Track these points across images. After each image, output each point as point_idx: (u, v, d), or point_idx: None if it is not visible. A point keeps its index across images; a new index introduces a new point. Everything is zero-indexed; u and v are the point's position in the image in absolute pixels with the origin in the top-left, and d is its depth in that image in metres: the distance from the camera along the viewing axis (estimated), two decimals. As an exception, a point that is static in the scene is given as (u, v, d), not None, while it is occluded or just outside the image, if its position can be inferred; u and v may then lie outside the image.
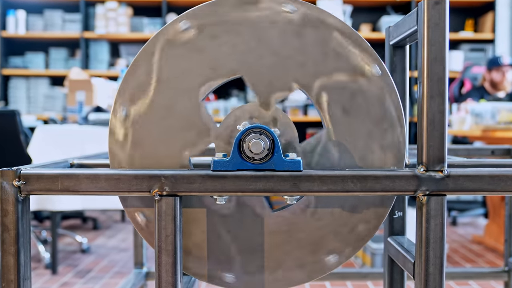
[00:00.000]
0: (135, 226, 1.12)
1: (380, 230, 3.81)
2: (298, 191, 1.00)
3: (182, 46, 1.07)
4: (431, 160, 1.00)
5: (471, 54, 5.99)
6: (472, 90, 4.91)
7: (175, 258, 0.99)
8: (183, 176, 0.99)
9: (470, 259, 3.50)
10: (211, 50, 1.07)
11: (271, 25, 1.06)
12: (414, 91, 5.83)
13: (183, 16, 1.07)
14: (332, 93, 1.06)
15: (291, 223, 1.10)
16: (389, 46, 1.35)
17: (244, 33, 1.06)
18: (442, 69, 0.99)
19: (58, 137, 3.14)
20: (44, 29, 6.08)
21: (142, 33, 6.00)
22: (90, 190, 1.00)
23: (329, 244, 1.09)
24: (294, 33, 1.06)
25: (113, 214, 5.11)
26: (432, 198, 1.00)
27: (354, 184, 0.99)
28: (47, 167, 1.09)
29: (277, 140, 1.00)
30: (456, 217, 4.71)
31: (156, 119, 1.07)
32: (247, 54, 1.07)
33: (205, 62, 1.07)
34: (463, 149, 1.86)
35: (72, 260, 3.48)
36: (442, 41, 0.99)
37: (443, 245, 1.00)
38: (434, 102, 1.00)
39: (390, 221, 1.38)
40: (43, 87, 6.06)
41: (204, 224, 1.10)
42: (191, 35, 1.07)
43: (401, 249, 1.21)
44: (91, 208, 3.12)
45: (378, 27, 6.05)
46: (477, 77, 5.09)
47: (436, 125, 1.00)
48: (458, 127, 3.96)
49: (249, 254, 1.10)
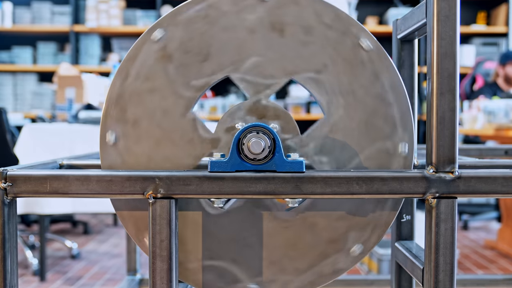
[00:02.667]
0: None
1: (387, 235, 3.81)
2: (301, 194, 1.00)
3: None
4: (441, 161, 1.00)
5: (484, 49, 5.99)
6: (484, 87, 4.91)
7: (170, 265, 0.99)
8: (178, 178, 0.99)
9: (482, 265, 3.50)
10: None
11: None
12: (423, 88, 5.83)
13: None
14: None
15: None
16: (397, 40, 1.35)
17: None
18: (453, 64, 0.99)
19: (46, 136, 3.14)
20: (32, 22, 6.08)
21: (135, 27, 6.01)
22: (80, 193, 1.00)
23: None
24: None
25: (104, 218, 5.11)
26: (442, 201, 1.00)
27: (360, 186, 0.99)
28: (35, 168, 1.09)
29: (278, 139, 1.00)
30: (467, 221, 4.71)
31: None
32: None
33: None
34: (475, 149, 1.86)
35: (61, 266, 3.48)
36: (452, 34, 0.99)
37: (453, 250, 1.00)
38: (444, 99, 1.00)
39: (397, 225, 1.38)
40: (31, 84, 6.07)
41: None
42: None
43: (409, 255, 1.21)
44: (82, 211, 3.12)
45: (385, 20, 6.06)
46: (489, 72, 5.09)
47: (446, 124, 1.00)
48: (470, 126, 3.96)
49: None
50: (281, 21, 1.07)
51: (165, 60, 1.07)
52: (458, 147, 1.06)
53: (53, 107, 5.45)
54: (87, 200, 2.96)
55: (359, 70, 1.06)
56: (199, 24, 1.07)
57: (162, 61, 1.07)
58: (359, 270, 3.32)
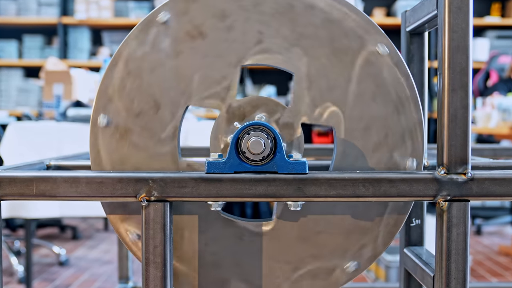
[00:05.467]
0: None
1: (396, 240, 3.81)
2: (303, 196, 1.00)
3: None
4: (453, 161, 1.00)
5: (498, 42, 5.99)
6: (499, 83, 4.91)
7: (164, 272, 0.99)
8: (173, 179, 0.99)
9: (496, 272, 3.50)
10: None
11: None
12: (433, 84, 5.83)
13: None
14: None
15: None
16: (406, 33, 1.35)
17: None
18: (465, 58, 0.99)
19: (32, 135, 3.14)
20: (17, 14, 6.08)
21: (127, 19, 6.01)
22: (69, 195, 1.00)
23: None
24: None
25: (94, 222, 5.11)
26: (454, 204, 1.00)
27: (366, 189, 0.99)
28: (20, 169, 1.09)
29: (279, 138, 1.00)
30: (481, 226, 4.71)
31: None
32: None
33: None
34: (489, 149, 1.86)
35: (48, 273, 3.48)
36: (465, 27, 0.99)
37: (466, 257, 1.00)
38: (456, 96, 1.00)
39: (406, 230, 1.38)
40: (16, 79, 6.07)
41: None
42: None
43: (419, 262, 1.21)
44: (70, 215, 3.11)
45: (393, 11, 6.05)
46: (504, 67, 5.09)
47: (458, 122, 1.00)
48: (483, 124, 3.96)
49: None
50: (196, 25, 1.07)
51: (124, 140, 1.07)
52: (471, 147, 1.06)
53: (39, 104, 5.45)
54: (76, 203, 2.96)
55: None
56: (129, 86, 1.07)
57: (122, 143, 1.08)
58: (366, 278, 3.33)
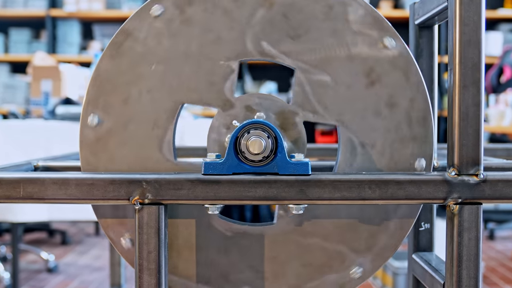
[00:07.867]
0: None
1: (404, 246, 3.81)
2: (306, 199, 0.99)
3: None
4: (464, 162, 1.00)
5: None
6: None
7: (159, 279, 0.99)
8: (168, 181, 0.99)
9: (510, 279, 3.50)
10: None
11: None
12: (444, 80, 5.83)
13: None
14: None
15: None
16: (414, 26, 1.35)
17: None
18: (477, 53, 0.99)
19: (19, 134, 3.14)
20: (3, 6, 6.07)
21: (119, 11, 6.01)
22: (57, 198, 1.00)
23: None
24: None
25: (85, 226, 5.11)
26: (465, 207, 1.00)
27: (373, 191, 0.99)
28: (6, 170, 1.09)
29: (280, 138, 1.00)
30: (493, 230, 4.71)
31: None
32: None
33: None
34: (502, 149, 1.86)
35: (36, 280, 3.48)
36: (477, 20, 0.99)
37: (478, 263, 1.00)
38: (468, 93, 1.00)
39: (415, 234, 1.38)
40: (2, 75, 6.06)
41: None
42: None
43: (428, 268, 1.21)
44: (59, 219, 3.11)
45: (401, 3, 6.05)
46: (518, 63, 5.09)
47: (470, 120, 1.00)
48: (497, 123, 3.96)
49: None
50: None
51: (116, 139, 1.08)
52: (483, 147, 1.06)
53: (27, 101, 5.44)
54: (65, 206, 2.96)
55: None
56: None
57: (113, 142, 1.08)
58: (372, 285, 3.33)
